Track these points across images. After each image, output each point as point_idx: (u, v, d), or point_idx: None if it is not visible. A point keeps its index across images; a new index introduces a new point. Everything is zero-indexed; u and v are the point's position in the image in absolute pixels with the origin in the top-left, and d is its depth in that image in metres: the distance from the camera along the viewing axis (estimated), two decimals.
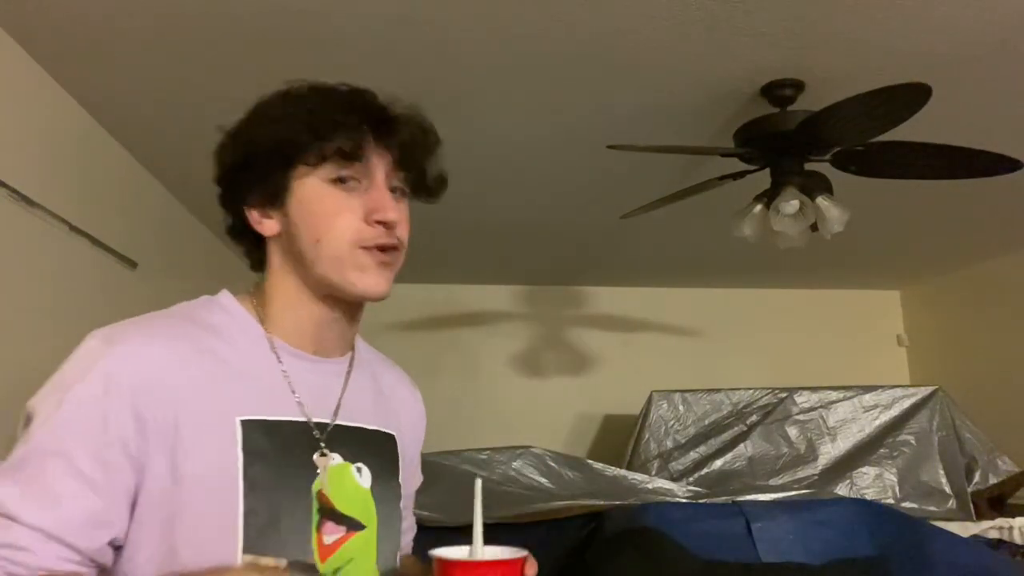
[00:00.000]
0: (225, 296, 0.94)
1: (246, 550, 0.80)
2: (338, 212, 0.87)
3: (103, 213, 2.44)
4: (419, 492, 1.23)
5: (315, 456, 0.87)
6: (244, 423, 0.83)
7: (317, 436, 0.89)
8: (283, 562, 0.82)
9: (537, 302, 4.77)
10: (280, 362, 0.90)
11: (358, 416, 0.95)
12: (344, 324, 0.95)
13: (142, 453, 0.79)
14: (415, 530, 1.17)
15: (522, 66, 2.12)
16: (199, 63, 2.05)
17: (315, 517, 0.86)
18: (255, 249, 0.95)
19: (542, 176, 2.97)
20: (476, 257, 4.14)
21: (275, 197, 0.90)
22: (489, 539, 0.83)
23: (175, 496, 0.79)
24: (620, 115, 2.43)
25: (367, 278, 0.89)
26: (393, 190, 0.91)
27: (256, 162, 0.89)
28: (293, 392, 0.89)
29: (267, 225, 0.92)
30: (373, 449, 0.95)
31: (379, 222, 0.88)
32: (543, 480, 3.06)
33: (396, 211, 0.89)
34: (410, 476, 1.07)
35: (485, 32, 1.95)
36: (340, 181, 0.88)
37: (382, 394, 1.02)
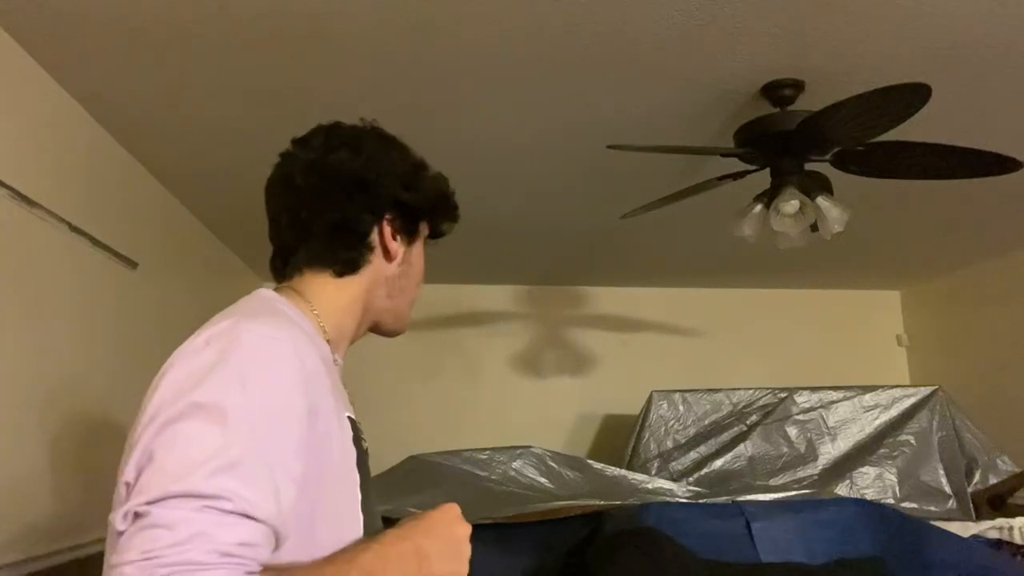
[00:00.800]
0: (276, 295, 0.97)
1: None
2: (423, 274, 1.11)
3: (104, 213, 2.44)
4: (418, 492, 1.30)
5: (361, 452, 0.96)
6: (351, 420, 0.93)
7: (359, 434, 0.97)
8: None
9: (537, 302, 4.77)
10: (336, 362, 0.99)
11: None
12: None
13: (310, 443, 0.80)
14: None
15: (522, 66, 2.12)
16: (200, 63, 2.05)
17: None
18: (351, 254, 1.01)
19: (542, 176, 2.97)
20: (476, 257, 4.14)
21: (413, 233, 1.07)
22: (491, 539, 0.85)
23: (319, 486, 0.82)
24: (620, 115, 2.43)
25: (407, 323, 1.11)
26: None
27: (429, 199, 1.07)
28: (346, 390, 0.99)
29: (394, 248, 1.04)
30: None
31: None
32: (543, 480, 3.06)
33: None
34: None
35: (485, 34, 1.95)
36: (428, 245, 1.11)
37: None
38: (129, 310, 2.61)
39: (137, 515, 0.68)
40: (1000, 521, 2.72)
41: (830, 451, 3.39)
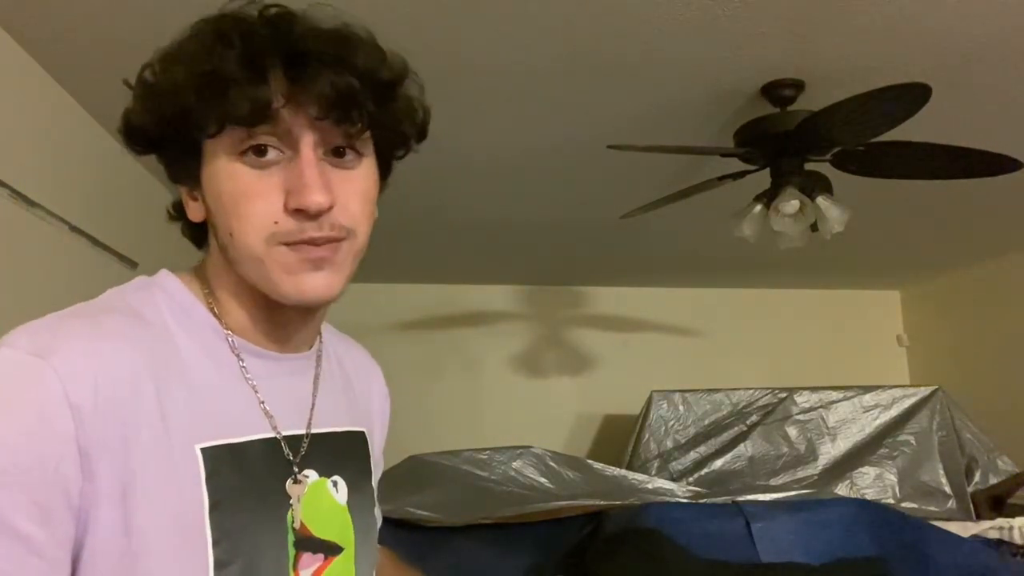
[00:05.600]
0: (169, 279, 0.75)
1: None
2: (249, 196, 0.67)
3: (103, 213, 2.44)
4: (418, 492, 1.18)
5: (288, 483, 0.73)
6: (206, 452, 0.67)
7: (289, 456, 0.74)
8: None
9: (537, 302, 4.77)
10: (243, 365, 0.73)
11: (331, 418, 0.81)
12: (306, 317, 0.77)
13: (88, 501, 0.61)
14: (380, 521, 0.98)
15: (522, 67, 2.12)
16: None
17: (291, 552, 0.72)
18: (191, 229, 0.78)
19: (542, 176, 2.97)
20: (476, 257, 4.14)
21: (189, 176, 0.72)
22: (491, 539, 0.82)
23: (128, 552, 0.62)
24: (620, 115, 2.43)
25: (297, 283, 0.69)
26: (339, 152, 0.70)
27: (158, 133, 0.70)
28: (261, 402, 0.73)
29: (192, 208, 0.74)
30: (348, 455, 0.82)
31: (298, 210, 0.66)
32: (543, 480, 3.06)
33: (323, 192, 0.66)
34: (377, 468, 0.91)
35: (486, 34, 1.95)
36: (254, 153, 0.67)
37: (350, 383, 0.88)
38: None
39: None
40: (1000, 521, 2.72)
41: (830, 451, 3.39)
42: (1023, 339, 4.11)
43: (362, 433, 0.86)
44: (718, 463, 3.40)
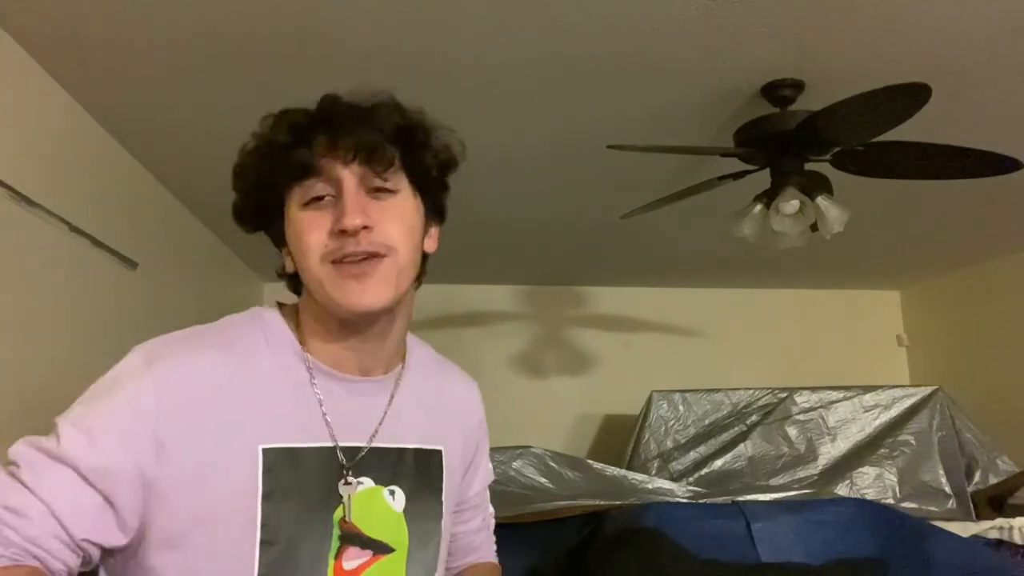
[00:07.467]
0: (271, 313, 0.94)
1: None
2: (308, 231, 0.86)
3: (103, 213, 2.44)
4: None
5: (340, 484, 0.88)
6: (267, 451, 0.84)
7: (343, 463, 0.89)
8: None
9: (537, 302, 4.77)
10: (314, 382, 0.90)
11: (400, 436, 0.95)
12: (378, 341, 0.94)
13: (160, 479, 0.80)
14: (492, 524, 1.25)
15: (522, 67, 2.12)
16: (200, 63, 2.05)
17: (335, 544, 0.86)
18: (291, 282, 0.97)
19: (542, 176, 2.97)
20: (476, 257, 4.14)
21: (283, 238, 0.92)
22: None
23: (195, 523, 0.81)
24: (620, 115, 2.43)
25: (346, 293, 0.85)
26: (378, 191, 0.88)
27: (254, 206, 0.93)
28: (324, 415, 0.89)
29: (288, 262, 0.93)
30: (412, 469, 0.95)
31: (341, 231, 0.84)
32: (543, 480, 3.06)
33: (358, 215, 0.84)
34: (472, 478, 1.12)
35: (485, 34, 1.95)
36: (315, 201, 0.87)
37: (436, 405, 1.03)
38: (129, 310, 2.61)
39: None
40: (1000, 521, 2.72)
41: (830, 451, 3.39)
42: (1022, 339, 4.11)
43: (438, 451, 0.99)
44: (718, 463, 3.40)
